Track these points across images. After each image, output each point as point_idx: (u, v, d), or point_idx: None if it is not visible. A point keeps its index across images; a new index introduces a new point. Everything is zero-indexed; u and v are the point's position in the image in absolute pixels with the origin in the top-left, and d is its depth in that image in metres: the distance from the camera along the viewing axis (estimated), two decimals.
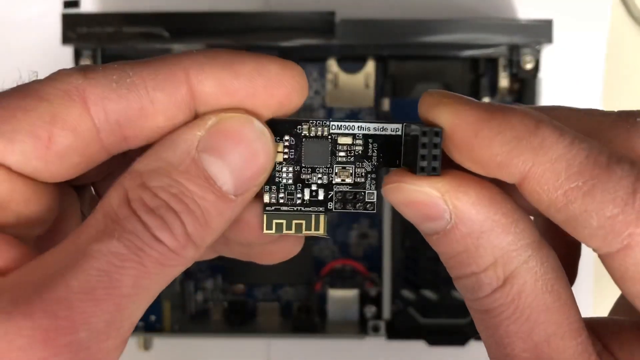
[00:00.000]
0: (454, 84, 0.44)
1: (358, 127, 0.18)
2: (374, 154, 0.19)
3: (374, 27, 0.40)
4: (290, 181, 0.18)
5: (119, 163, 0.20)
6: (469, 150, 0.16)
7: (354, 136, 0.18)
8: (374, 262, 0.45)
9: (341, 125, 0.18)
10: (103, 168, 0.20)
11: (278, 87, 0.18)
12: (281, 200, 0.18)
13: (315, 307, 0.44)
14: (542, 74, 0.42)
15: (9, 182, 0.17)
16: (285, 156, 0.18)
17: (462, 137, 0.16)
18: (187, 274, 0.44)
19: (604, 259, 0.16)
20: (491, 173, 0.16)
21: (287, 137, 0.18)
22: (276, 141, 0.18)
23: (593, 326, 0.18)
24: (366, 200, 0.19)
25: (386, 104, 0.43)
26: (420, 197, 0.17)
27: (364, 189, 0.19)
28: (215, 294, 0.45)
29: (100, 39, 0.40)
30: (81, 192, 0.22)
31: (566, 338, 0.17)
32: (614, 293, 0.24)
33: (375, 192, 0.19)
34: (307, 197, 0.18)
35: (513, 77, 0.43)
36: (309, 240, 0.43)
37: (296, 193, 0.18)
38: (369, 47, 0.42)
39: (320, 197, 0.19)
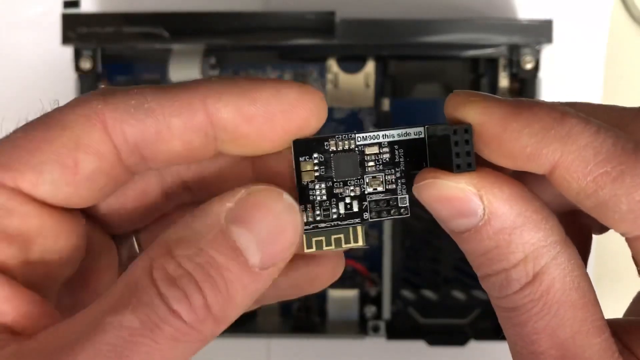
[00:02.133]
0: (454, 84, 0.44)
1: (383, 135, 0.19)
2: (401, 159, 0.19)
3: (374, 27, 0.40)
4: (324, 197, 0.19)
5: (158, 213, 0.21)
6: (499, 144, 0.17)
7: (379, 145, 0.19)
8: (374, 262, 0.45)
9: (366, 136, 0.19)
10: (141, 215, 0.20)
11: (296, 111, 0.18)
12: (318, 218, 0.19)
13: (315, 307, 0.44)
14: (542, 74, 0.42)
15: (39, 218, 0.17)
16: (317, 173, 0.18)
17: (492, 132, 0.17)
18: None
19: (633, 242, 0.16)
20: (522, 165, 0.17)
21: (315, 155, 0.19)
22: (306, 160, 0.18)
23: (611, 326, 0.18)
24: (399, 205, 0.19)
25: (386, 104, 0.43)
26: (456, 192, 0.17)
27: (396, 194, 0.19)
28: None
29: (100, 39, 0.40)
30: (122, 244, 0.21)
31: (591, 335, 0.17)
32: (614, 293, 0.24)
33: (407, 196, 0.19)
34: (342, 210, 0.19)
35: (513, 77, 0.43)
36: None
37: (331, 208, 0.19)
38: (369, 47, 0.42)
39: (355, 209, 0.19)
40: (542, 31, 0.40)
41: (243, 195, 0.17)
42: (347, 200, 0.19)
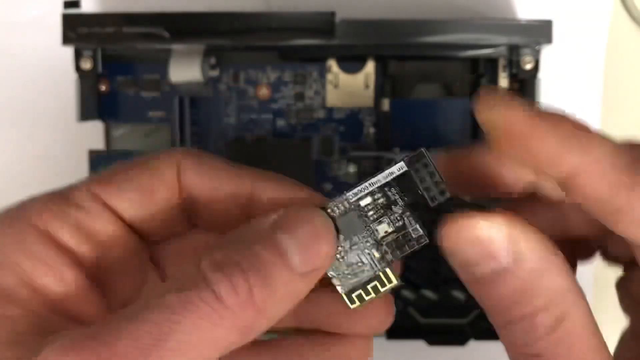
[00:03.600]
0: (454, 85, 0.44)
1: (370, 184, 0.20)
2: (397, 196, 0.20)
3: (374, 28, 0.40)
4: (346, 258, 0.20)
5: (178, 230, 0.23)
6: (526, 143, 0.17)
7: (371, 193, 0.20)
8: None
9: (357, 192, 0.20)
10: (165, 227, 0.22)
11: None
12: (349, 277, 0.20)
13: None
14: (542, 74, 0.42)
15: (114, 225, 0.20)
16: None
17: (521, 129, 0.17)
18: None
19: None
20: (542, 167, 0.17)
21: None
22: None
23: None
24: (414, 237, 0.20)
25: (386, 104, 0.43)
26: (487, 233, 0.18)
27: (406, 228, 0.20)
28: None
29: (100, 39, 0.40)
30: None
31: None
32: (613, 299, 0.24)
33: (417, 225, 0.20)
34: (366, 262, 0.20)
35: (513, 78, 0.43)
36: None
37: (357, 264, 0.20)
38: (369, 47, 0.42)
39: (377, 255, 0.20)
40: (541, 31, 0.40)
41: (286, 210, 0.19)
42: (367, 251, 0.20)
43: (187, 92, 0.44)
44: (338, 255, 0.20)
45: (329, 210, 0.20)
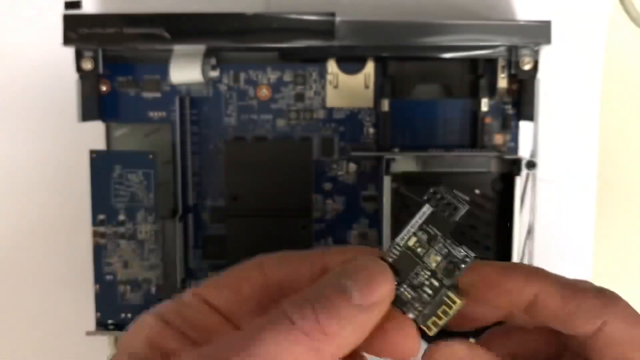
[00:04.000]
0: (454, 85, 0.44)
1: (411, 227, 0.24)
2: (435, 230, 0.24)
3: (374, 29, 0.41)
4: (412, 293, 0.24)
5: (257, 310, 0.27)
6: (500, 285, 0.24)
7: (414, 234, 0.24)
8: None
9: (403, 236, 0.24)
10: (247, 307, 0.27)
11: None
12: (420, 308, 0.24)
13: None
14: (541, 75, 0.42)
15: (212, 316, 0.25)
16: (395, 282, 0.24)
17: (496, 278, 0.24)
18: (188, 273, 0.45)
19: (593, 337, 0.23)
20: (512, 297, 0.24)
21: None
22: None
23: None
24: (460, 258, 0.24)
25: (386, 104, 0.43)
26: (460, 351, 0.23)
27: (452, 254, 0.24)
28: None
29: (101, 39, 0.41)
30: None
31: None
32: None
33: (459, 248, 0.24)
34: (430, 291, 0.24)
35: (512, 78, 0.43)
36: (310, 238, 0.44)
37: (422, 294, 0.24)
38: (368, 48, 0.42)
39: (436, 283, 0.24)
40: (540, 32, 0.41)
41: (347, 262, 0.23)
42: (427, 282, 0.24)
43: (187, 92, 0.44)
44: (406, 293, 0.24)
45: (386, 258, 0.24)
